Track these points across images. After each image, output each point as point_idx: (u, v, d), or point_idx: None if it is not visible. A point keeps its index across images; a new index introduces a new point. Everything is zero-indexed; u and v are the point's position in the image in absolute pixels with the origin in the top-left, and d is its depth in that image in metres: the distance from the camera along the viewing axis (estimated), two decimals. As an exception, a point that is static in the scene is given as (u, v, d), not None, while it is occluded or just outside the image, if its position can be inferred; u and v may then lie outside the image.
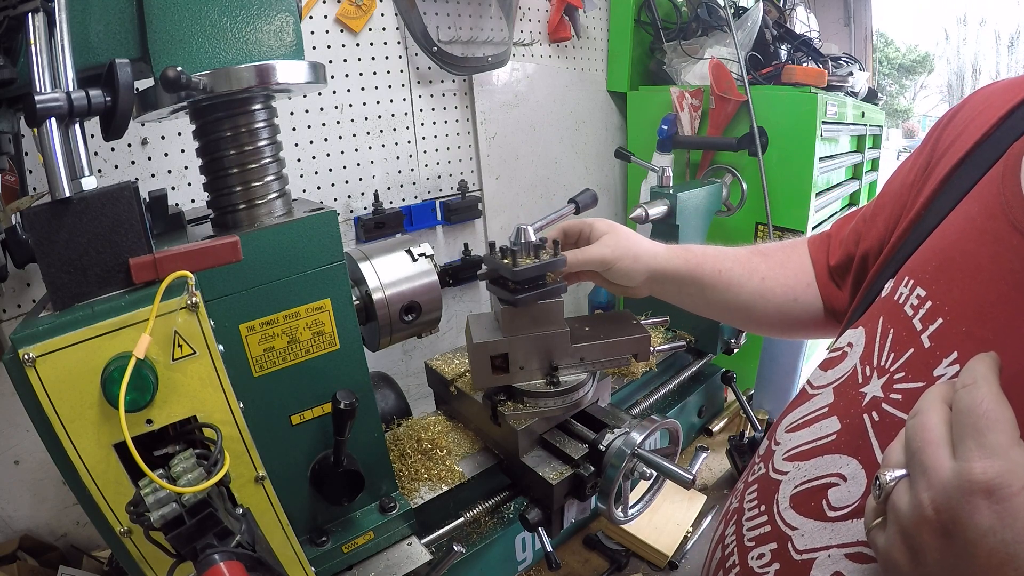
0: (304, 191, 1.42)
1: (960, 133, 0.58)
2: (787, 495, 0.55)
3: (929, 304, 0.48)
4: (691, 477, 0.83)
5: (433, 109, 1.60)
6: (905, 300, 0.51)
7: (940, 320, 0.46)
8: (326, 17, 1.36)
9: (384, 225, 1.49)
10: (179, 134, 1.22)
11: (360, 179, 1.50)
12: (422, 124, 1.59)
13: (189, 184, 1.25)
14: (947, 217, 0.53)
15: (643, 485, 0.98)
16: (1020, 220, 0.44)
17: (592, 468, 0.90)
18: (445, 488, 0.96)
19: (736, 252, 0.85)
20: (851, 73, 1.95)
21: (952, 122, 0.62)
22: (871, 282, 0.62)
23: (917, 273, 0.52)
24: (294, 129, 1.36)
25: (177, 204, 1.00)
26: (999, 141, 0.52)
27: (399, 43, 1.49)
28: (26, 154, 0.95)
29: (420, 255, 0.93)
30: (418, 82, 1.55)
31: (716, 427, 1.52)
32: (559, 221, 1.01)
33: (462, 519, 0.96)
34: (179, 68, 0.59)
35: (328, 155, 1.43)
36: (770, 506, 0.56)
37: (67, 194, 0.51)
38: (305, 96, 1.37)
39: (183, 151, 1.23)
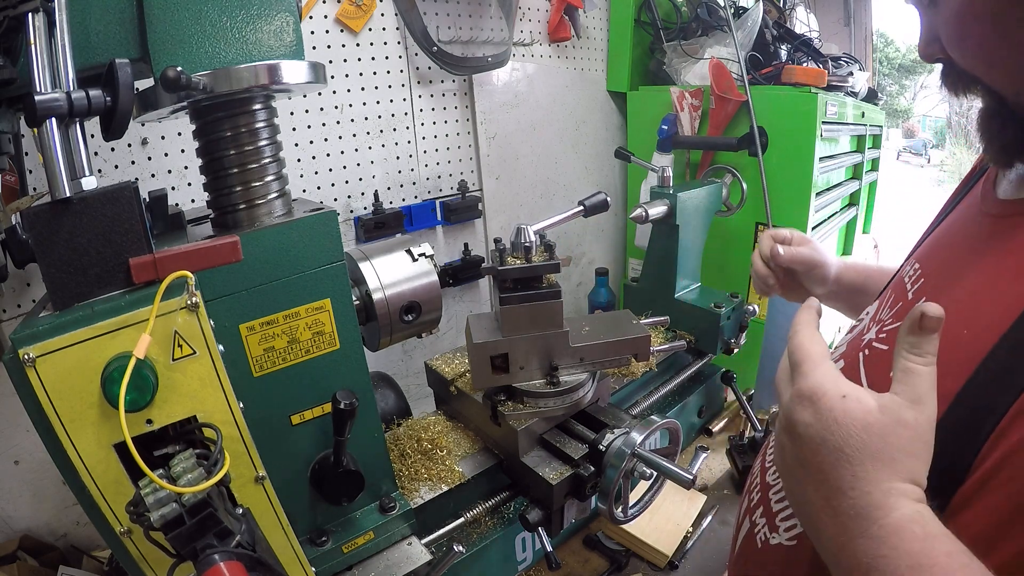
0: (304, 191, 1.42)
1: None
2: None
3: (919, 271, 0.61)
4: (691, 477, 0.83)
5: (433, 109, 1.60)
6: (906, 274, 0.64)
7: (922, 280, 0.59)
8: (326, 17, 1.36)
9: (384, 225, 1.49)
10: (179, 134, 1.22)
11: (360, 179, 1.50)
12: (422, 124, 1.59)
13: (189, 184, 1.25)
14: (948, 216, 0.66)
15: (643, 485, 0.98)
16: (989, 208, 0.56)
17: (592, 468, 0.90)
18: (445, 488, 0.96)
19: (884, 269, 0.90)
20: (851, 73, 1.95)
21: None
22: (900, 268, 0.72)
23: (918, 255, 0.65)
24: (294, 129, 1.36)
25: (177, 204, 1.00)
26: None
27: (399, 43, 1.49)
28: (26, 154, 0.95)
29: (420, 255, 0.93)
30: (418, 82, 1.55)
31: (716, 427, 1.52)
32: (565, 222, 1.01)
33: (462, 519, 0.96)
34: (179, 68, 0.59)
35: (328, 155, 1.43)
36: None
37: (67, 194, 0.51)
38: (305, 96, 1.37)
39: (183, 151, 1.23)
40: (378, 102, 1.49)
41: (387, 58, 1.48)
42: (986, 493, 0.41)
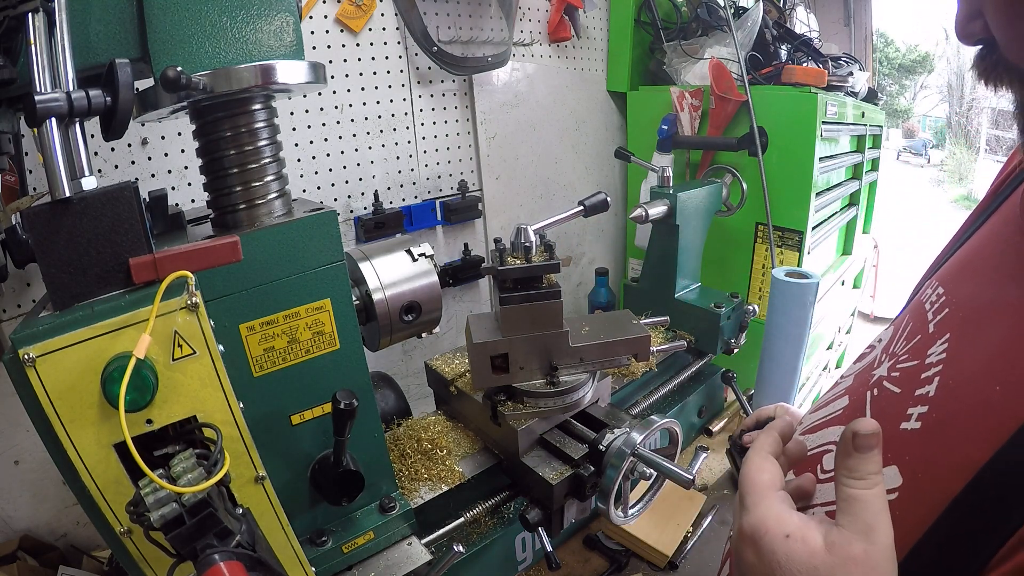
0: (304, 191, 1.42)
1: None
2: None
3: (943, 299, 0.53)
4: (691, 477, 0.83)
5: (433, 109, 1.60)
6: (927, 299, 0.55)
7: (947, 310, 0.51)
8: (326, 17, 1.36)
9: (384, 225, 1.49)
10: (179, 134, 1.22)
11: (360, 179, 1.50)
12: (422, 124, 1.59)
13: (189, 184, 1.25)
14: (979, 229, 0.57)
15: (643, 485, 0.98)
16: None
17: (592, 468, 0.90)
18: (445, 488, 0.96)
19: None
20: (851, 73, 1.95)
21: None
22: (918, 286, 0.64)
23: (942, 276, 0.57)
24: (294, 129, 1.36)
25: (177, 204, 1.00)
26: None
27: (399, 43, 1.49)
28: (26, 154, 0.95)
29: (420, 255, 0.93)
30: (418, 82, 1.55)
31: (716, 427, 1.52)
32: (565, 222, 1.01)
33: (462, 519, 0.96)
34: (179, 68, 0.59)
35: (328, 155, 1.43)
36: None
37: (67, 194, 0.51)
38: (305, 96, 1.37)
39: (183, 151, 1.23)
40: (378, 102, 1.49)
41: (387, 58, 1.48)
42: None
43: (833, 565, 0.38)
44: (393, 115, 1.53)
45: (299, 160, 1.39)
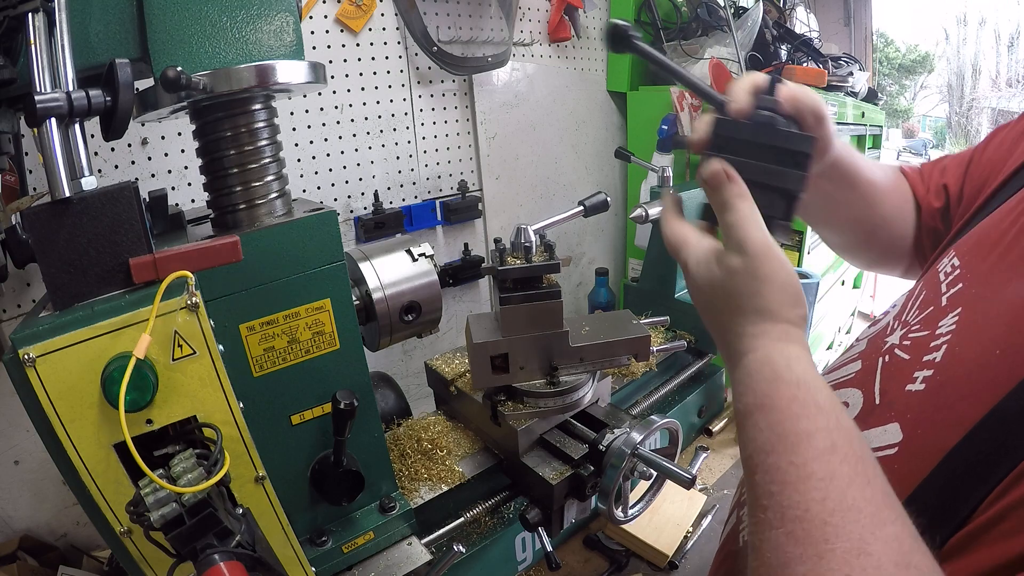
0: (304, 191, 1.42)
1: None
2: None
3: (958, 271, 0.54)
4: (691, 477, 0.83)
5: (433, 109, 1.60)
6: (942, 268, 0.57)
7: (960, 284, 0.52)
8: (326, 17, 1.36)
9: (384, 225, 1.49)
10: (179, 134, 1.22)
11: (360, 179, 1.50)
12: (422, 124, 1.59)
13: (189, 184, 1.25)
14: (1003, 204, 0.56)
15: (643, 485, 0.98)
16: None
17: (592, 468, 0.90)
18: (445, 488, 0.96)
19: (881, 166, 0.74)
20: (851, 73, 1.96)
21: None
22: (936, 256, 0.65)
23: (960, 247, 0.58)
24: (294, 129, 1.36)
25: (177, 204, 1.00)
26: None
27: (399, 43, 1.49)
28: (26, 154, 0.95)
29: (420, 255, 0.93)
30: (418, 82, 1.55)
31: (716, 427, 1.52)
32: (565, 222, 1.01)
33: (462, 519, 0.96)
34: (179, 68, 0.59)
35: (328, 155, 1.43)
36: None
37: (67, 194, 0.51)
38: (305, 96, 1.37)
39: (183, 151, 1.23)
40: (378, 102, 1.49)
41: (387, 58, 1.48)
42: (981, 545, 0.37)
43: (723, 278, 0.49)
44: (393, 115, 1.53)
45: (299, 160, 1.39)
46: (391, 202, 1.56)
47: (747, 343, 0.47)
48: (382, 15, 1.45)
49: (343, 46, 1.40)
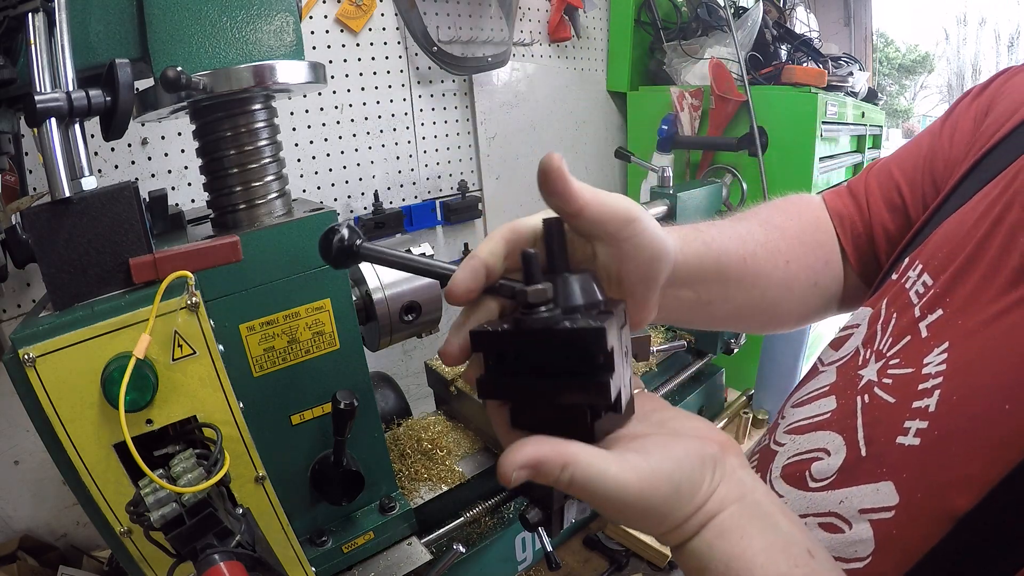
0: (304, 191, 1.42)
1: (1008, 106, 0.51)
2: (780, 466, 0.56)
3: (933, 292, 0.47)
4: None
5: (433, 109, 1.60)
6: (912, 285, 0.50)
7: (940, 311, 0.46)
8: (326, 17, 1.36)
9: (384, 225, 1.49)
10: (179, 134, 1.22)
11: (360, 179, 1.50)
12: (422, 124, 1.59)
13: (189, 184, 1.25)
14: (970, 199, 0.49)
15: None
16: None
17: (592, 468, 0.89)
18: (445, 488, 0.96)
19: (750, 229, 0.59)
20: (851, 73, 1.95)
21: (1004, 88, 0.54)
22: (894, 260, 0.57)
23: (926, 258, 0.50)
24: (294, 129, 1.36)
25: (177, 204, 1.00)
26: None
27: (399, 43, 1.49)
28: (26, 154, 0.95)
29: (420, 255, 0.93)
30: (418, 82, 1.55)
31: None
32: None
33: (462, 519, 0.96)
34: (179, 68, 0.59)
35: (328, 155, 1.43)
36: (764, 475, 0.57)
37: (67, 194, 0.51)
38: (305, 96, 1.37)
39: (183, 151, 1.23)
40: (378, 102, 1.49)
41: (387, 58, 1.48)
42: None
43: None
44: (393, 115, 1.53)
45: (299, 160, 1.39)
46: (391, 202, 1.56)
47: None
48: (382, 15, 1.45)
49: (343, 46, 1.40)
